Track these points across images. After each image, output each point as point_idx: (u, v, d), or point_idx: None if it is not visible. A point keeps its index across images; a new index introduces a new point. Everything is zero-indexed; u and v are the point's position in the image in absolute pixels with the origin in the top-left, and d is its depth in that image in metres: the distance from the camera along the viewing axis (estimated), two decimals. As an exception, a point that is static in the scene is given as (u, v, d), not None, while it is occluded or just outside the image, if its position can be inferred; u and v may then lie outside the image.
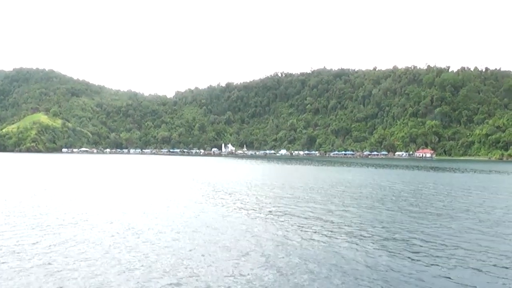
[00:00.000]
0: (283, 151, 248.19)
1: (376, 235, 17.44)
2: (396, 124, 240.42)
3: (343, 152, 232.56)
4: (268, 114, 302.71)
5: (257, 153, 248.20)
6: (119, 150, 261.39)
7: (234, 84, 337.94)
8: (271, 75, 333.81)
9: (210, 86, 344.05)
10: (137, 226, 18.60)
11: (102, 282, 11.15)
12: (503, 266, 13.03)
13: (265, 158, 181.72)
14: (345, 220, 20.87)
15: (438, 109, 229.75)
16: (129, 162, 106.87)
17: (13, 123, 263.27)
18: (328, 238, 16.63)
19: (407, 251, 14.68)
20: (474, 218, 22.05)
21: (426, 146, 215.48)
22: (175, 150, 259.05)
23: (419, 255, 14.21)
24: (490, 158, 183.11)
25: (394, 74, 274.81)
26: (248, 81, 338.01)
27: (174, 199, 28.76)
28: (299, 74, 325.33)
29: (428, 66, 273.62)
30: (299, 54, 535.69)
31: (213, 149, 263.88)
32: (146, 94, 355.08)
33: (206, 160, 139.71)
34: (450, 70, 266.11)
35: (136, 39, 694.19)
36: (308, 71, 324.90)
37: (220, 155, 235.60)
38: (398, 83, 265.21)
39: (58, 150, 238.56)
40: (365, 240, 16.30)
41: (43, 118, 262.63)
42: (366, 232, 18.02)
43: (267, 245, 15.31)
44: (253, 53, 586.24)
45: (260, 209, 24.38)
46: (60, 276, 11.51)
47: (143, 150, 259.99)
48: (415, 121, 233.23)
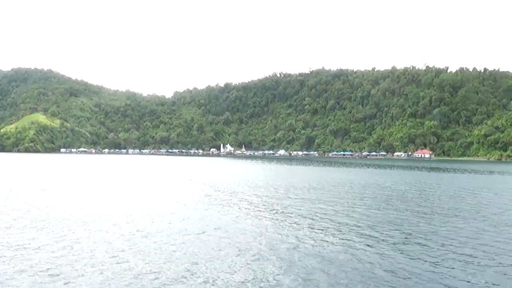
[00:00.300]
0: (281, 152, 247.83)
1: (390, 236, 17.00)
2: (395, 125, 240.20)
3: (342, 153, 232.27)
4: (266, 115, 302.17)
5: (255, 153, 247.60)
6: (117, 150, 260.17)
7: (233, 84, 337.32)
8: (269, 76, 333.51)
9: (209, 86, 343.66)
10: (143, 228, 18.00)
11: (112, 288, 10.63)
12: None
13: (264, 158, 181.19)
14: (355, 221, 20.43)
15: (436, 109, 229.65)
16: (128, 163, 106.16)
17: (11, 123, 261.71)
18: (341, 240, 16.17)
19: (425, 254, 14.20)
20: (486, 219, 21.65)
21: (425, 146, 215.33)
22: (174, 150, 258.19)
23: (437, 258, 13.73)
24: (489, 159, 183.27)
25: (393, 75, 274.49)
26: (246, 81, 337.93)
27: (178, 200, 28.16)
28: (297, 74, 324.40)
29: (427, 66, 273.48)
30: (297, 55, 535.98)
31: (211, 149, 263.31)
32: (145, 94, 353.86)
33: (205, 160, 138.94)
34: (449, 71, 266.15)
35: (135, 39, 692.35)
36: (307, 72, 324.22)
37: (218, 155, 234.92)
38: (396, 83, 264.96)
39: (56, 150, 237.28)
40: (379, 242, 15.86)
41: (41, 118, 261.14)
42: (378, 233, 17.61)
43: (281, 247, 14.80)
44: (251, 53, 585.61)
45: (268, 210, 23.90)
46: (66, 281, 11.00)
47: (142, 150, 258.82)
48: (413, 121, 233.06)
